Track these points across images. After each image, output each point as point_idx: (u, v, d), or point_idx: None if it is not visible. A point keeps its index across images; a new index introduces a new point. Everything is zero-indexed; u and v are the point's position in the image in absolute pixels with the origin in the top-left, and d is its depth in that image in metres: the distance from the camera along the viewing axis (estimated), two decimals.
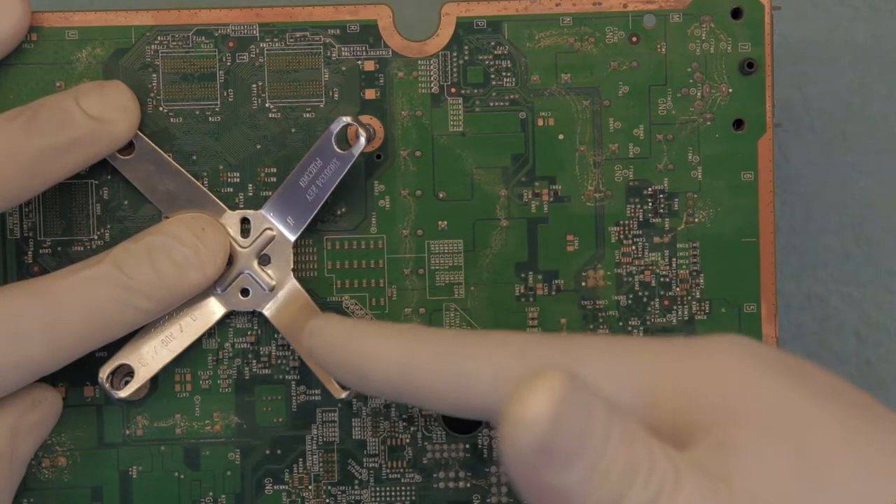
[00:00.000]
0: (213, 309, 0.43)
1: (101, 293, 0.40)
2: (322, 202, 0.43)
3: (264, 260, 0.43)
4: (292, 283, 0.44)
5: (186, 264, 0.41)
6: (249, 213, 0.44)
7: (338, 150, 0.43)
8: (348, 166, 0.43)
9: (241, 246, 0.43)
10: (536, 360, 0.36)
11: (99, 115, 0.41)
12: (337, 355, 0.39)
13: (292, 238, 0.43)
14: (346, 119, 0.43)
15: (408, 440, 0.45)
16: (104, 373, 0.43)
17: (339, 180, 0.43)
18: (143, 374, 0.43)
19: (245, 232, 0.43)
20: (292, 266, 0.44)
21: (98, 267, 0.41)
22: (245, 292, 0.43)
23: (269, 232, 0.43)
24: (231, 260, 0.43)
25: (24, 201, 0.42)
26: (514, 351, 0.37)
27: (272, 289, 0.43)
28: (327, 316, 0.41)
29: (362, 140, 0.43)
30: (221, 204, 0.44)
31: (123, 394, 0.43)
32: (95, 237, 0.44)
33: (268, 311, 0.44)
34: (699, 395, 0.35)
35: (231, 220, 0.43)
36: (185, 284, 0.41)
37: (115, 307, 0.40)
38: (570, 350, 0.37)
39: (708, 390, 0.35)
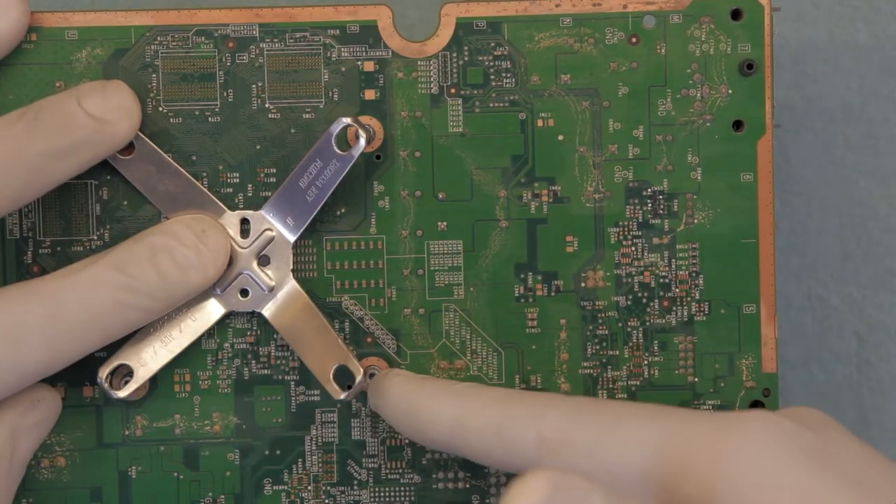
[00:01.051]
0: (213, 310, 0.43)
1: (102, 295, 0.40)
2: (322, 203, 0.43)
3: (264, 261, 0.43)
4: (292, 284, 0.44)
5: (188, 265, 0.41)
6: (249, 213, 0.44)
7: (338, 151, 0.43)
8: (348, 167, 0.43)
9: (240, 246, 0.43)
10: (576, 427, 0.38)
11: (101, 116, 0.41)
12: (399, 416, 0.41)
13: (292, 239, 0.43)
14: (346, 120, 0.43)
15: (407, 441, 0.45)
16: (103, 373, 0.43)
17: (338, 181, 0.43)
18: (142, 375, 0.43)
19: (245, 233, 0.43)
20: (292, 267, 0.44)
21: (98, 267, 0.40)
22: (244, 293, 0.43)
23: (268, 233, 0.43)
24: (230, 260, 0.43)
25: (26, 203, 0.42)
26: (556, 416, 0.38)
27: (271, 289, 0.43)
28: (392, 375, 0.43)
29: (362, 141, 0.43)
30: (221, 204, 0.44)
31: (122, 394, 0.43)
32: (95, 237, 0.44)
33: (267, 311, 0.44)
34: (727, 473, 0.36)
35: (231, 220, 0.43)
36: (187, 285, 0.41)
37: (115, 308, 0.40)
38: (608, 417, 0.38)
39: (736, 471, 0.36)
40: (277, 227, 0.43)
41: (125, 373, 0.43)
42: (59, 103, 0.41)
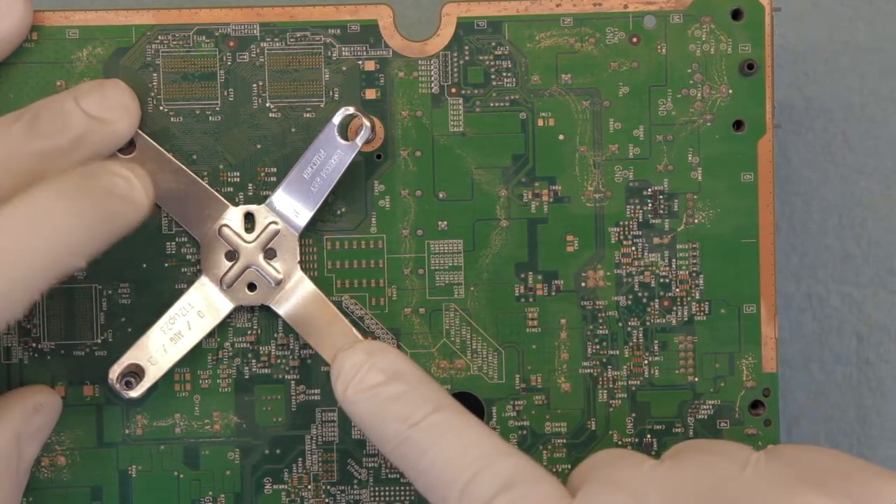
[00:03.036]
0: (221, 305, 0.43)
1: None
2: (327, 193, 0.43)
3: (270, 254, 0.43)
4: (300, 276, 0.44)
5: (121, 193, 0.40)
6: (253, 207, 0.44)
7: (340, 140, 0.43)
8: (352, 156, 0.43)
9: (245, 241, 0.43)
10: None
11: (99, 115, 0.41)
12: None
13: (298, 230, 0.43)
14: (349, 109, 0.43)
15: None
16: (115, 374, 0.43)
17: (342, 171, 0.43)
18: (154, 373, 0.43)
19: (249, 228, 0.43)
20: (299, 258, 0.44)
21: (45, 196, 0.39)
22: (252, 287, 0.43)
23: (273, 226, 0.43)
24: (237, 255, 0.43)
25: None
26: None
27: (279, 282, 0.43)
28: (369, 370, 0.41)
29: (365, 129, 0.43)
30: (224, 200, 0.44)
31: (135, 393, 0.43)
32: None
33: (276, 304, 0.44)
34: None
35: (235, 215, 0.43)
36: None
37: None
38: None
39: None
40: (282, 220, 0.43)
41: (126, 373, 0.43)
42: (58, 104, 0.41)
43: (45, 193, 0.38)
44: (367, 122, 0.43)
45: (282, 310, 0.43)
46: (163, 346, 0.43)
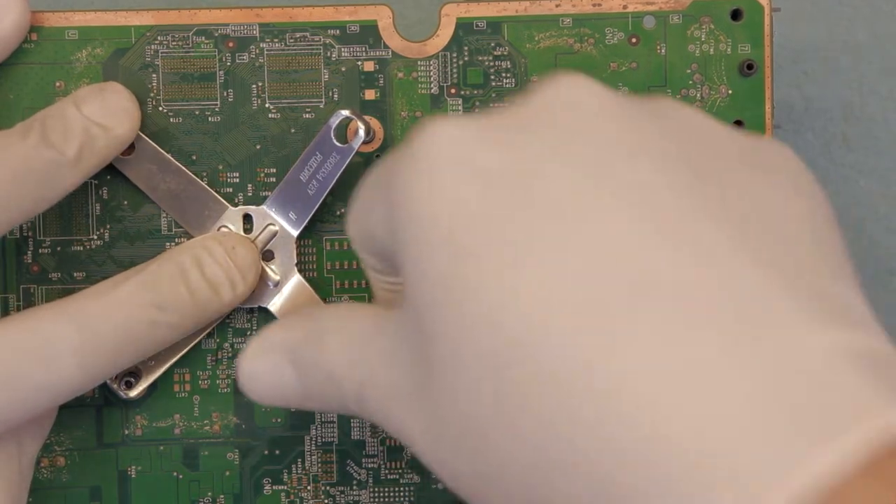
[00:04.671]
0: None
1: (134, 314, 0.40)
2: (323, 196, 0.43)
3: (267, 256, 0.43)
4: (296, 278, 0.44)
5: (218, 282, 0.41)
6: (251, 209, 0.44)
7: (337, 143, 0.43)
8: (348, 160, 0.43)
9: None
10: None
11: (101, 121, 0.41)
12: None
13: (295, 233, 0.43)
14: (345, 112, 0.43)
15: None
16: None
17: (339, 174, 0.43)
18: (152, 373, 0.43)
19: (248, 229, 0.44)
20: (296, 261, 0.44)
21: (130, 286, 0.40)
22: None
23: (271, 227, 0.43)
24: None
25: (36, 215, 0.42)
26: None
27: (277, 284, 0.43)
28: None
29: (361, 132, 0.43)
30: (223, 201, 0.44)
31: (133, 393, 0.43)
32: (95, 237, 0.44)
33: (273, 306, 0.44)
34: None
35: (233, 216, 0.43)
36: (217, 302, 0.41)
37: (147, 327, 0.40)
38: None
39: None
40: (280, 222, 0.43)
41: (125, 373, 0.43)
42: (61, 112, 0.41)
43: (135, 284, 0.40)
44: (362, 125, 0.43)
45: (279, 311, 0.44)
46: None
